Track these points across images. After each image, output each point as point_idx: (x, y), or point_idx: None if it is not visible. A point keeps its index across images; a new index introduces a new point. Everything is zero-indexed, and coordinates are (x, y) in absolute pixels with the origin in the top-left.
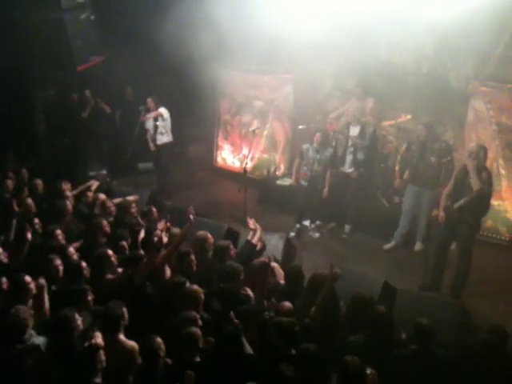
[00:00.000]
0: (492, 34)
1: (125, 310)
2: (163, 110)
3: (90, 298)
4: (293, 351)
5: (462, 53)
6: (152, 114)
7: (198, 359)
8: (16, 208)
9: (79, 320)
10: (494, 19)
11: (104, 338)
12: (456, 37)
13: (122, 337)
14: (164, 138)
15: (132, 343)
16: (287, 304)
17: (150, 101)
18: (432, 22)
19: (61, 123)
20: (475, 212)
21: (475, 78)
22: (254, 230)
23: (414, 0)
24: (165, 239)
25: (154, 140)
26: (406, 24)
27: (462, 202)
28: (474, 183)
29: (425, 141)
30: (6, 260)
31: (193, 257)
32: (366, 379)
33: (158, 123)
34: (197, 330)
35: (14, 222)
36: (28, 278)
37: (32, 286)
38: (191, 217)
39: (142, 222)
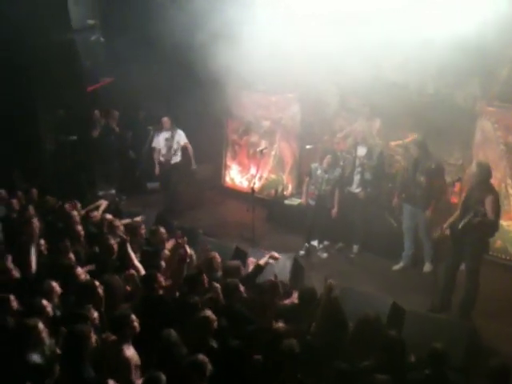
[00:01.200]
0: (498, 54)
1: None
2: (181, 133)
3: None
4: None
5: (467, 73)
6: (181, 143)
7: None
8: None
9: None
10: (500, 38)
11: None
12: (461, 56)
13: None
14: (177, 157)
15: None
16: (281, 325)
17: (165, 120)
18: (436, 41)
19: (70, 143)
20: (481, 233)
21: (482, 98)
22: (271, 256)
23: (418, 21)
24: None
25: (169, 160)
26: (410, 45)
27: (463, 222)
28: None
29: (417, 159)
30: (17, 275)
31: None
32: None
33: (174, 145)
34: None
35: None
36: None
37: (49, 309)
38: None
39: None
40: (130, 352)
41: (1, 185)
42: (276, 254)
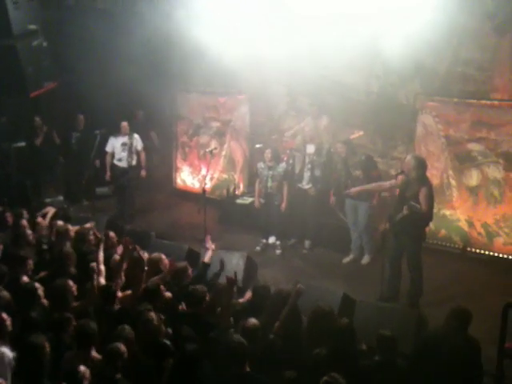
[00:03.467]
0: (437, 52)
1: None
2: (137, 138)
3: None
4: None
5: (409, 71)
6: (138, 148)
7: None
8: None
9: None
10: (439, 37)
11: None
12: (403, 56)
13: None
14: (132, 161)
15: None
16: (253, 320)
17: (124, 125)
18: (379, 42)
19: (15, 150)
20: (415, 223)
21: (422, 94)
22: (208, 249)
23: (361, 22)
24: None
25: (128, 164)
26: (354, 45)
27: (399, 215)
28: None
29: (345, 157)
30: None
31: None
32: None
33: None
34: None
35: None
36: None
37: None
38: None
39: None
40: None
41: None
42: (208, 245)
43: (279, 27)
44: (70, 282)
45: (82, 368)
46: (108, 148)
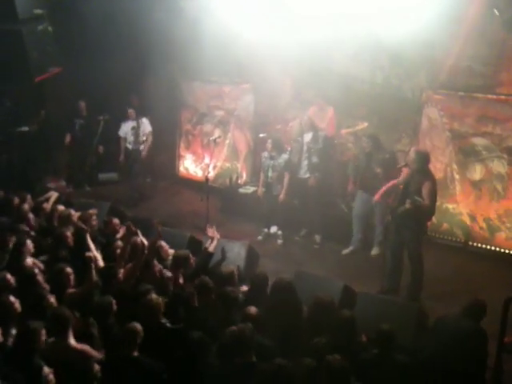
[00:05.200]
0: (443, 45)
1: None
2: (146, 122)
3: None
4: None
5: (415, 63)
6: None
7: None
8: None
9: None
10: (446, 31)
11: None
12: (409, 48)
13: (71, 341)
14: (141, 145)
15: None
16: (253, 308)
17: (131, 111)
18: (385, 34)
19: (19, 134)
20: (417, 217)
21: (428, 87)
22: (212, 238)
23: (369, 14)
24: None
25: (137, 148)
26: (359, 37)
27: (402, 208)
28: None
29: (370, 152)
30: None
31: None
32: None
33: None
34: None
35: None
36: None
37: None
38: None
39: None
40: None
41: None
42: (212, 234)
43: (285, 18)
44: (68, 268)
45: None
46: (120, 132)
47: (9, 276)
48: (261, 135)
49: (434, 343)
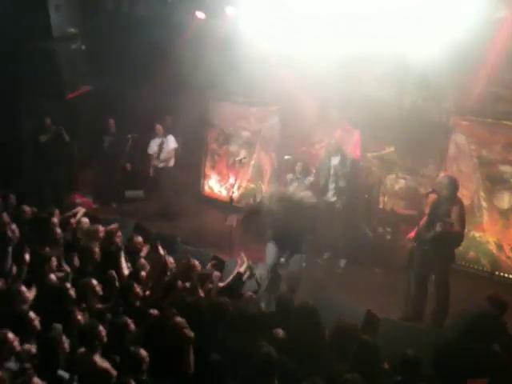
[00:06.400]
0: (472, 70)
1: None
2: (171, 138)
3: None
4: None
5: (442, 88)
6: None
7: None
8: (10, 235)
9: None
10: (474, 56)
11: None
12: (437, 73)
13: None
14: (169, 163)
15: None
16: (280, 331)
17: (158, 127)
18: (413, 57)
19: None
20: (447, 243)
21: (456, 112)
22: (241, 262)
23: (395, 37)
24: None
25: (156, 165)
26: (387, 60)
27: (431, 233)
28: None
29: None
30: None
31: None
32: None
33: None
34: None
35: (10, 249)
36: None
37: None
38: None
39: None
40: (103, 363)
41: None
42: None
43: (312, 38)
44: (94, 281)
45: None
46: (149, 150)
47: (23, 288)
48: (286, 157)
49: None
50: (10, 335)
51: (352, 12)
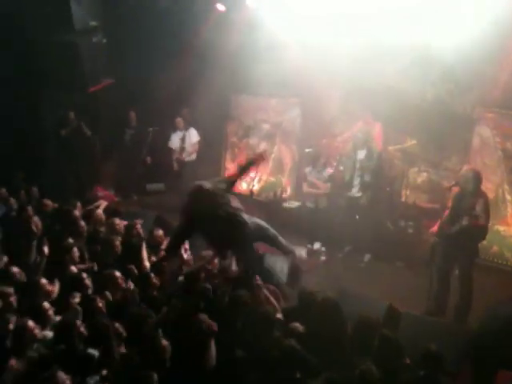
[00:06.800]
0: (497, 61)
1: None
2: (192, 131)
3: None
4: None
5: (467, 79)
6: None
7: None
8: (35, 229)
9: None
10: (499, 46)
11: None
12: (461, 63)
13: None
14: (191, 156)
15: None
16: (298, 325)
17: (179, 120)
18: (437, 48)
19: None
20: (472, 237)
21: (480, 105)
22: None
23: (419, 28)
24: None
25: (179, 158)
26: (411, 51)
27: (457, 227)
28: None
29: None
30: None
31: None
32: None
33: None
34: None
35: (34, 243)
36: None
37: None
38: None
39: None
40: None
41: (2, 184)
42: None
43: (333, 29)
44: (117, 273)
45: None
46: (171, 144)
47: (44, 281)
48: (307, 150)
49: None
50: (31, 323)
51: (377, 4)
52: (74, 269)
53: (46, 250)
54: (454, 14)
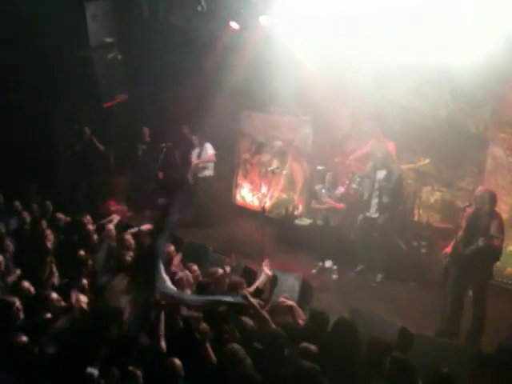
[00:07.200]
0: (510, 80)
1: None
2: (210, 147)
3: None
4: None
5: (480, 99)
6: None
7: None
8: (48, 244)
9: None
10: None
11: None
12: (474, 83)
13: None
14: (206, 172)
15: None
16: (313, 347)
17: (195, 138)
18: (450, 68)
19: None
20: (486, 258)
21: (494, 124)
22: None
23: (432, 46)
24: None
25: (195, 173)
26: (423, 70)
27: (472, 248)
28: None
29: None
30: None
31: None
32: None
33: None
34: None
35: (48, 259)
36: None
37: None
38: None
39: None
40: None
41: (16, 197)
42: (266, 270)
43: (346, 47)
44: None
45: None
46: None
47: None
48: (319, 167)
49: None
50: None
51: (389, 22)
52: (85, 282)
53: (54, 268)
54: (466, 32)
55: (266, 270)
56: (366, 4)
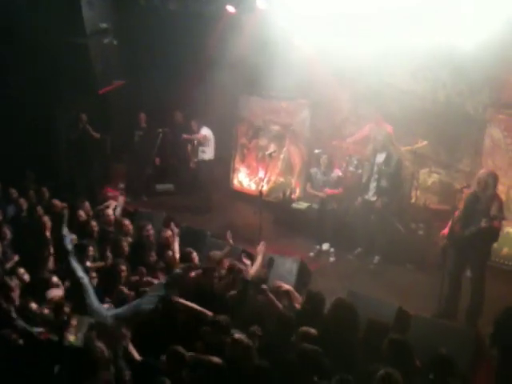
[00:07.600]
0: (508, 63)
1: None
2: (206, 131)
3: None
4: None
5: (478, 81)
6: (196, 136)
7: None
8: (48, 235)
9: None
10: (510, 47)
11: None
12: (472, 65)
13: None
14: (205, 155)
15: None
16: (312, 330)
17: (193, 123)
18: (448, 50)
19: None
20: (485, 239)
21: (492, 106)
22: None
23: (430, 29)
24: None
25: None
26: (422, 53)
27: (473, 229)
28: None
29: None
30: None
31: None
32: None
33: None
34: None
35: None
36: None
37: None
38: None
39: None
40: None
41: (14, 185)
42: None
43: (344, 31)
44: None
45: None
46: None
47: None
48: (316, 151)
49: None
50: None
51: (387, 6)
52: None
53: (51, 249)
54: (464, 15)
55: (261, 251)
56: None
